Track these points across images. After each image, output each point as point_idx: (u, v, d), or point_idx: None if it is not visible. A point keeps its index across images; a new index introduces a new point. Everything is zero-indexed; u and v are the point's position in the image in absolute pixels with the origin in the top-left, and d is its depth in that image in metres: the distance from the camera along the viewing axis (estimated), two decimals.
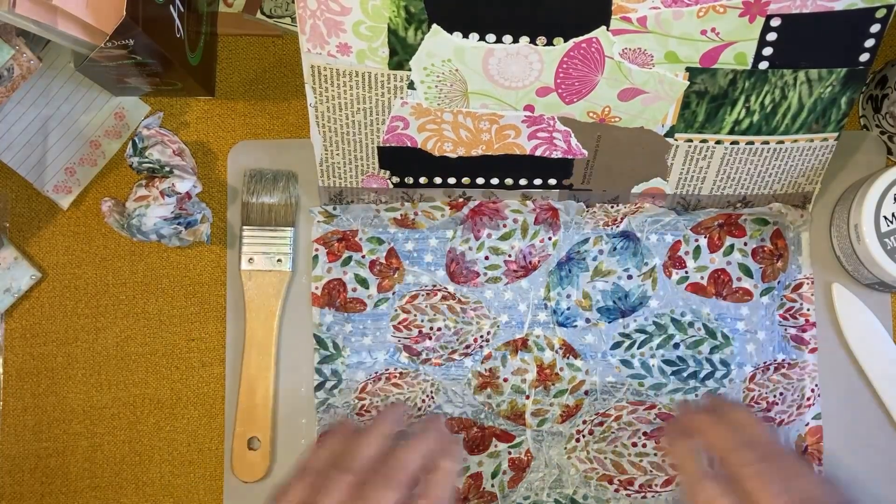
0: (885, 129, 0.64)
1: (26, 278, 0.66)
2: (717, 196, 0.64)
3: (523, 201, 0.65)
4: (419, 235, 0.65)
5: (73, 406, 0.66)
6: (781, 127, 0.60)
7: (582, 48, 0.56)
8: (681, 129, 0.60)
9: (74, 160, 0.67)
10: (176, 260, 0.67)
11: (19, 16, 0.54)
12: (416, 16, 0.54)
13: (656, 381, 0.64)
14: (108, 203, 0.64)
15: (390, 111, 0.60)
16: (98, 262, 0.67)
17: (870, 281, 0.63)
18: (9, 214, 0.67)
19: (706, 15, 0.54)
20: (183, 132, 0.68)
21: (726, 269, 0.64)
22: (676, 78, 0.57)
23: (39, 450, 0.66)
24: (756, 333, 0.64)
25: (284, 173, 0.65)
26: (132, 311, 0.67)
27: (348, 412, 0.64)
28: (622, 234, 0.65)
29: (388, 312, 0.64)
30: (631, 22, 0.54)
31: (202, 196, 0.66)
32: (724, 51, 0.56)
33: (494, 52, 0.56)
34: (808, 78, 0.57)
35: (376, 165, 0.63)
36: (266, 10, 0.66)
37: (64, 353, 0.67)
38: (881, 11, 0.54)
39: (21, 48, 0.59)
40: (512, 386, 0.64)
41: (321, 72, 0.58)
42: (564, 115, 0.59)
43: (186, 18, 0.62)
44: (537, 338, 0.64)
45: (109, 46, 0.55)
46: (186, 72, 0.62)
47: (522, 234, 0.65)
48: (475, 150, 0.62)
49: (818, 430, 0.64)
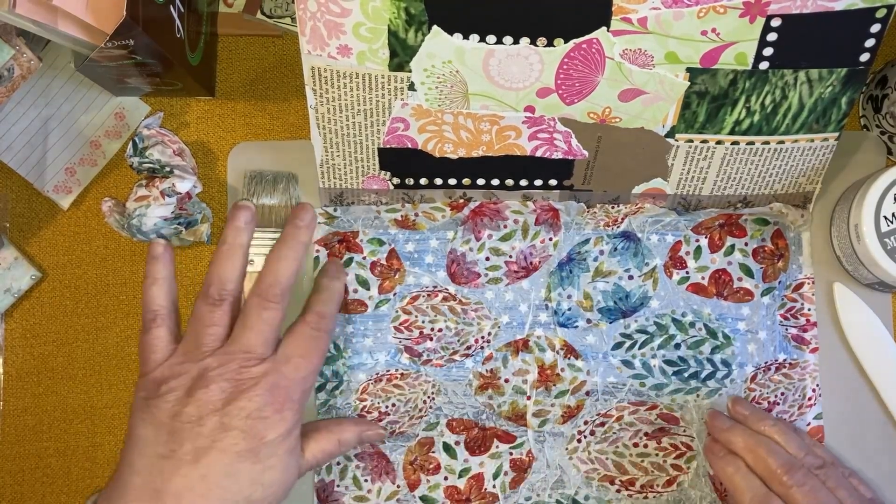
0: (885, 129, 0.64)
1: (26, 278, 0.66)
2: (718, 196, 0.64)
3: (524, 202, 0.65)
4: (420, 236, 0.65)
5: (73, 406, 0.66)
6: (782, 127, 0.60)
7: (582, 49, 0.55)
8: (681, 130, 0.60)
9: (74, 160, 0.67)
10: (176, 260, 0.67)
11: (19, 16, 0.53)
12: (416, 17, 0.54)
13: (657, 381, 0.64)
14: (109, 203, 0.64)
15: (391, 112, 0.60)
16: (98, 262, 0.67)
17: (870, 281, 0.63)
18: (9, 214, 0.67)
19: (706, 15, 0.54)
20: (183, 132, 0.68)
21: (727, 270, 0.64)
22: (677, 78, 0.57)
23: (40, 450, 0.66)
24: (757, 333, 0.64)
25: (284, 175, 0.65)
26: (132, 311, 0.67)
27: (349, 413, 0.64)
28: (623, 235, 0.65)
29: (389, 313, 0.64)
30: (631, 23, 0.54)
31: (202, 196, 0.66)
32: (725, 51, 0.56)
33: (495, 53, 0.56)
34: (809, 78, 0.57)
35: (377, 167, 0.63)
36: (266, 10, 0.66)
37: (64, 353, 0.67)
38: (881, 11, 0.54)
39: (21, 48, 0.59)
40: (513, 387, 0.64)
41: (321, 73, 0.58)
42: (565, 116, 0.59)
43: (186, 18, 0.62)
44: (538, 338, 0.64)
45: (109, 46, 0.55)
46: (186, 72, 0.62)
47: (523, 235, 0.65)
48: (476, 151, 0.62)
49: (819, 429, 0.64)
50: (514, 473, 0.64)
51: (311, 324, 0.57)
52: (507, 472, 0.64)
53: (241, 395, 0.52)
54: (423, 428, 0.64)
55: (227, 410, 0.52)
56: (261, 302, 0.56)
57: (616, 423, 0.64)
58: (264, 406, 0.52)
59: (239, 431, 0.51)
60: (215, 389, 0.52)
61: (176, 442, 0.51)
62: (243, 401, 0.52)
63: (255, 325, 0.55)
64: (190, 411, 0.52)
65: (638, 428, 0.64)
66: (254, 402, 0.52)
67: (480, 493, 0.63)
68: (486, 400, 0.64)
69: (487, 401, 0.64)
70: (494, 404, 0.64)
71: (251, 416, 0.52)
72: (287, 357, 0.54)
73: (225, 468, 0.51)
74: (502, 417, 0.64)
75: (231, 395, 0.52)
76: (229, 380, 0.53)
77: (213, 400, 0.52)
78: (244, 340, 0.54)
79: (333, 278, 0.60)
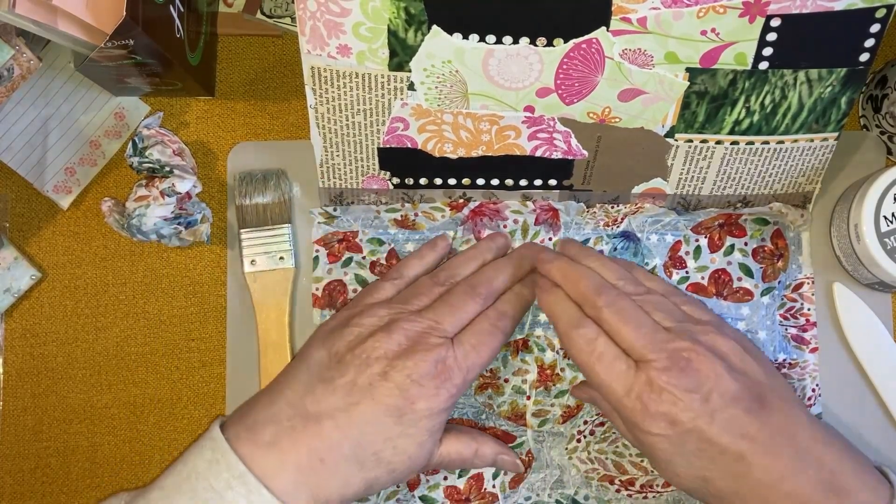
0: (885, 129, 0.64)
1: (26, 278, 0.66)
2: (718, 196, 0.64)
3: (524, 202, 0.65)
4: (420, 236, 0.65)
5: (73, 406, 0.66)
6: (781, 127, 0.60)
7: (582, 49, 0.56)
8: (681, 130, 0.60)
9: (74, 160, 0.67)
10: (176, 260, 0.67)
11: (19, 16, 0.54)
12: (416, 17, 0.54)
13: None
14: (108, 203, 0.64)
15: (390, 112, 0.60)
16: (98, 262, 0.67)
17: (870, 281, 0.63)
18: (9, 214, 0.67)
19: (706, 15, 0.54)
20: (183, 132, 0.68)
21: (727, 269, 0.64)
22: (676, 78, 0.57)
23: (40, 450, 0.66)
24: (757, 333, 0.64)
25: (274, 171, 0.65)
26: (132, 311, 0.67)
27: None
28: (622, 235, 0.65)
29: None
30: (631, 23, 0.54)
31: (202, 196, 0.66)
32: (724, 51, 0.56)
33: (494, 53, 0.56)
34: (808, 78, 0.57)
35: (377, 166, 0.63)
36: (266, 10, 0.66)
37: (64, 353, 0.67)
38: (881, 11, 0.54)
39: (21, 48, 0.59)
40: (513, 387, 0.64)
41: (321, 73, 0.58)
42: (564, 116, 0.59)
43: (186, 18, 0.62)
44: (538, 338, 0.64)
45: (109, 46, 0.55)
46: (186, 72, 0.62)
47: (523, 235, 0.65)
48: (475, 151, 0.62)
49: None
50: (513, 473, 0.64)
51: (490, 318, 0.58)
52: (507, 471, 0.64)
53: (411, 355, 0.54)
54: None
55: (394, 363, 0.53)
56: (468, 290, 0.58)
57: None
58: (426, 374, 0.54)
59: (395, 386, 0.53)
60: (394, 340, 0.54)
61: (340, 371, 0.54)
62: (411, 361, 0.54)
63: (453, 304, 0.57)
64: (364, 349, 0.54)
65: None
66: (419, 367, 0.53)
67: (480, 493, 0.63)
68: (486, 400, 0.64)
69: (487, 400, 0.64)
70: (494, 404, 0.64)
71: (411, 378, 0.53)
72: (461, 342, 0.56)
73: (369, 413, 0.53)
74: (502, 417, 0.64)
75: (404, 352, 0.54)
76: (409, 338, 0.55)
77: (387, 348, 0.54)
78: (440, 312, 0.57)
79: (525, 285, 0.61)
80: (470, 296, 0.58)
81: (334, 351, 0.55)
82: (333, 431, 0.52)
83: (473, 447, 0.59)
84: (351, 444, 0.52)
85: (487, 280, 0.59)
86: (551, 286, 0.59)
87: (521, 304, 0.60)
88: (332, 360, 0.55)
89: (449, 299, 0.58)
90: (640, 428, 0.53)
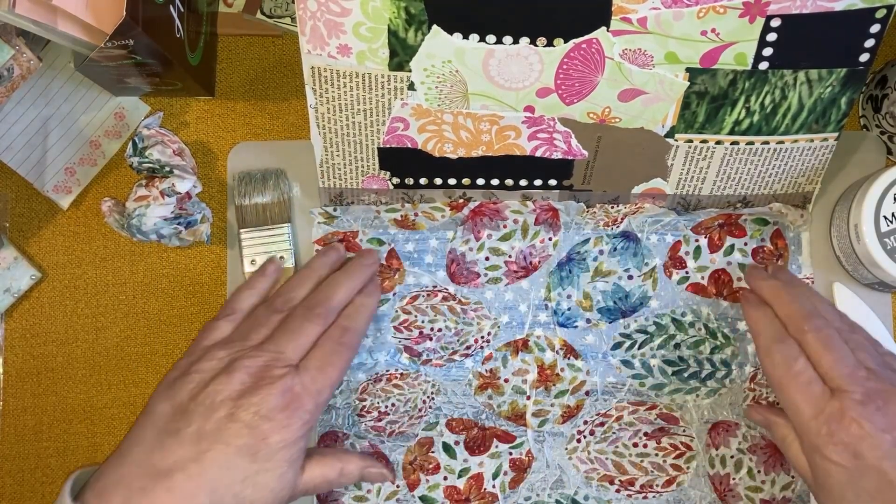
0: (885, 129, 0.64)
1: (26, 278, 0.66)
2: (718, 196, 0.64)
3: (523, 202, 0.65)
4: (419, 236, 0.65)
5: (73, 406, 0.66)
6: (781, 127, 0.60)
7: (582, 49, 0.56)
8: (681, 130, 0.60)
9: (74, 160, 0.67)
10: (176, 260, 0.67)
11: (19, 16, 0.53)
12: (416, 17, 0.54)
13: (657, 381, 0.64)
14: (108, 203, 0.64)
15: (390, 112, 0.60)
16: (98, 262, 0.67)
17: (869, 281, 0.63)
18: (9, 214, 0.67)
19: (706, 16, 0.54)
20: (183, 132, 0.68)
21: (727, 270, 0.64)
22: (676, 78, 0.57)
23: (40, 450, 0.66)
24: None
25: (273, 171, 0.65)
26: (132, 311, 0.67)
27: (349, 413, 0.64)
28: (622, 235, 0.65)
29: (388, 313, 0.64)
30: (631, 23, 0.54)
31: (202, 196, 0.66)
32: (724, 51, 0.56)
33: (495, 53, 0.56)
34: (808, 78, 0.57)
35: (376, 166, 0.63)
36: (266, 10, 0.66)
37: (64, 353, 0.67)
38: (881, 11, 0.54)
39: (21, 48, 0.59)
40: (513, 387, 0.64)
41: (321, 73, 0.58)
42: (565, 116, 0.59)
43: (186, 18, 0.62)
44: (538, 338, 0.64)
45: (109, 46, 0.55)
46: (186, 72, 0.62)
47: (523, 235, 0.65)
48: (475, 151, 0.62)
49: None
50: (513, 473, 0.64)
51: (333, 337, 0.57)
52: (507, 471, 0.64)
53: (256, 391, 0.53)
54: (423, 428, 0.64)
55: (239, 403, 0.52)
56: (305, 313, 0.57)
57: (616, 423, 0.64)
58: (275, 407, 0.53)
59: (244, 426, 0.52)
60: (236, 380, 0.53)
61: (185, 420, 0.52)
62: (257, 397, 0.53)
63: (293, 330, 0.56)
64: (207, 395, 0.53)
65: (637, 428, 0.64)
66: (266, 401, 0.53)
67: (480, 493, 0.63)
68: (486, 400, 0.64)
69: (487, 401, 0.64)
70: (494, 404, 0.64)
71: (259, 414, 0.52)
72: (306, 367, 0.55)
73: (221, 458, 0.51)
74: (502, 417, 0.64)
75: (247, 389, 0.53)
76: (252, 374, 0.53)
77: (231, 389, 0.53)
78: (280, 341, 0.56)
79: (366, 295, 0.61)
80: (308, 318, 0.57)
81: (177, 402, 0.53)
82: (186, 483, 0.50)
83: (338, 467, 0.58)
84: (206, 493, 0.51)
85: (325, 299, 0.58)
86: (760, 302, 0.59)
87: (365, 314, 0.60)
88: (175, 412, 0.53)
89: (288, 325, 0.57)
90: (821, 453, 0.52)
